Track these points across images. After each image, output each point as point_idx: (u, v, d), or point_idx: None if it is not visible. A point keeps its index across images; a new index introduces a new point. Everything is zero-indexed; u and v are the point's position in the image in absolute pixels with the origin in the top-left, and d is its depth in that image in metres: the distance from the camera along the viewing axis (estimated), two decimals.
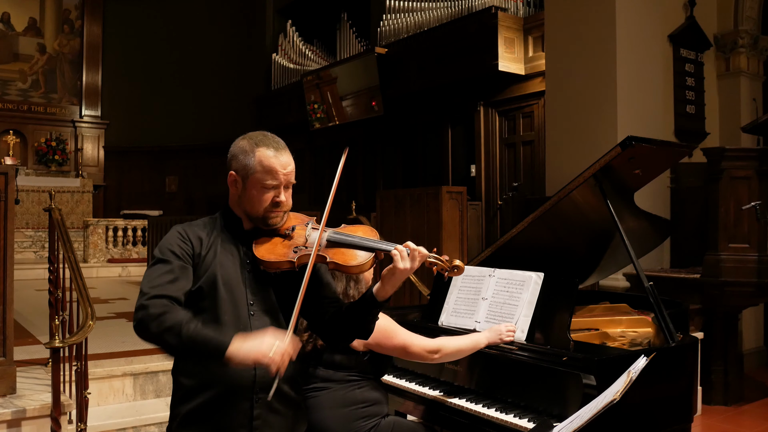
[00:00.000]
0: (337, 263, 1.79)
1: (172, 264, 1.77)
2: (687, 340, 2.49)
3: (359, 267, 1.80)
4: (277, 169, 1.82)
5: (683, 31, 6.10)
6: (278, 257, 1.80)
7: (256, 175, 1.81)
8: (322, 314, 1.92)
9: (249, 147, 1.84)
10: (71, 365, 3.31)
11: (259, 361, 1.59)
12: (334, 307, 1.92)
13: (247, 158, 1.82)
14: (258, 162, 1.81)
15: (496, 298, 2.65)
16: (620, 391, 1.62)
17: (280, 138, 1.90)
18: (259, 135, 1.88)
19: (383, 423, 2.38)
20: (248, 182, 1.83)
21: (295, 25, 12.12)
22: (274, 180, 1.81)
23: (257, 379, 1.77)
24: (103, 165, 14.53)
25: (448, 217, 5.97)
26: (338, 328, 1.92)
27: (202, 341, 1.62)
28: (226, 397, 1.77)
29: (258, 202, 1.82)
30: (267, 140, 1.86)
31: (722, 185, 4.87)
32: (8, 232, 3.12)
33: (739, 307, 5.27)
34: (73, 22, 14.42)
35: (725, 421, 4.74)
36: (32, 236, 11.54)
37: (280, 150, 1.85)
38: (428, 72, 8.38)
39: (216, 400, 1.77)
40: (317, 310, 1.92)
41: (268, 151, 1.83)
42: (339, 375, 2.37)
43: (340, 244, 1.82)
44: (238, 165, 1.84)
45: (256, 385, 1.78)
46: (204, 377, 1.78)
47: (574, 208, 2.82)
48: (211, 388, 1.77)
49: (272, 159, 1.82)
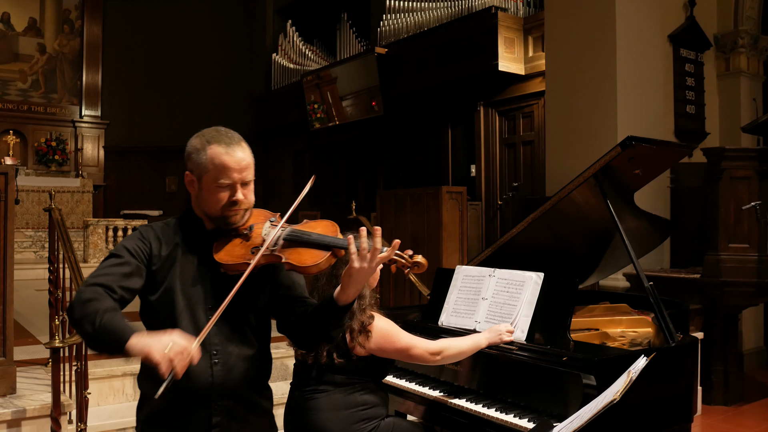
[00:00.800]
0: (292, 264, 1.69)
1: (122, 258, 1.70)
2: (687, 340, 2.49)
3: (315, 267, 1.69)
4: (229, 167, 1.71)
5: (683, 31, 6.10)
6: (236, 259, 1.71)
7: (209, 174, 1.72)
8: (288, 315, 1.82)
9: (201, 145, 1.75)
10: (71, 365, 3.31)
11: (151, 356, 1.48)
12: (300, 307, 1.81)
13: (200, 156, 1.73)
14: (210, 160, 1.72)
15: (496, 298, 2.65)
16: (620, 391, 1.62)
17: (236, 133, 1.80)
18: (212, 131, 1.78)
19: (383, 424, 2.38)
20: (202, 182, 1.74)
21: (295, 25, 12.12)
22: (228, 178, 1.71)
23: (215, 386, 1.71)
24: (103, 165, 14.52)
25: (448, 217, 5.97)
26: (302, 332, 1.82)
27: (111, 331, 1.54)
28: (183, 404, 1.72)
29: (214, 201, 1.74)
30: (219, 136, 1.75)
31: (722, 185, 4.87)
32: (8, 232, 3.12)
33: (739, 307, 5.27)
34: (73, 22, 14.41)
35: (725, 421, 4.74)
36: (32, 236, 11.54)
37: (232, 146, 1.73)
38: (428, 72, 8.38)
39: (173, 407, 1.72)
40: (282, 310, 1.83)
41: (219, 148, 1.72)
42: (339, 378, 2.36)
43: (297, 242, 1.71)
44: (192, 164, 1.76)
45: (214, 392, 1.71)
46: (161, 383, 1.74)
47: (574, 208, 2.82)
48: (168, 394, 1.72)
49: (224, 156, 1.71)
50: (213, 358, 1.71)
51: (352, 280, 1.66)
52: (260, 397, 1.85)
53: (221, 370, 1.72)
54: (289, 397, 2.51)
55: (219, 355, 1.72)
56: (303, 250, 1.70)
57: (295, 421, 2.43)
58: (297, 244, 1.71)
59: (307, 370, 2.41)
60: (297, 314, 1.80)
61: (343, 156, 10.63)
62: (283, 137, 12.01)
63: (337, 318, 1.72)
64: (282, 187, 12.00)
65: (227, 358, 1.73)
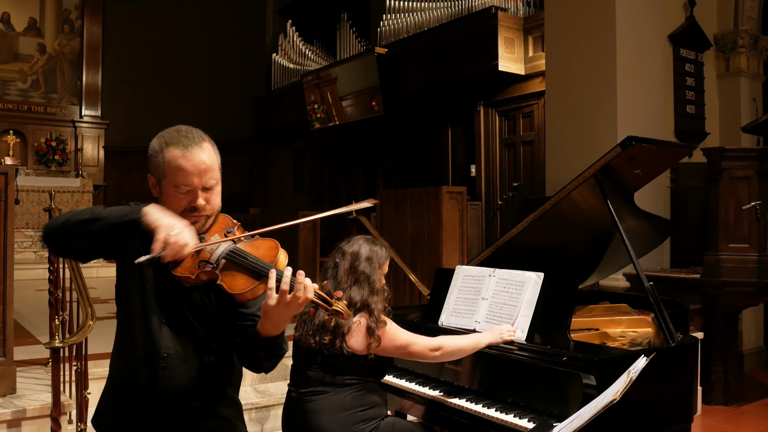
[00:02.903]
0: (223, 287, 1.58)
1: None
2: (687, 340, 2.49)
3: (243, 295, 1.56)
4: (187, 170, 1.60)
5: (683, 31, 6.10)
6: (183, 271, 1.61)
7: (167, 179, 1.62)
8: (235, 334, 1.71)
9: (159, 146, 1.64)
10: (71, 365, 3.31)
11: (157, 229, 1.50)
12: (247, 326, 1.68)
13: (158, 159, 1.63)
14: (167, 164, 1.61)
15: (496, 299, 2.65)
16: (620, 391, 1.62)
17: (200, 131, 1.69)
18: (172, 131, 1.67)
19: (383, 425, 2.38)
20: (162, 186, 1.65)
21: (295, 25, 12.12)
22: (186, 183, 1.61)
23: (158, 391, 1.64)
24: (103, 165, 14.53)
25: (448, 217, 5.97)
26: (240, 354, 1.71)
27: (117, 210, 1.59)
28: (128, 404, 1.69)
29: (174, 207, 1.63)
30: (177, 137, 1.64)
31: (722, 185, 4.87)
32: (8, 232, 3.12)
33: (739, 307, 5.26)
34: (73, 22, 14.41)
35: (725, 421, 4.74)
36: (32, 236, 11.53)
37: (190, 147, 1.61)
38: (428, 72, 8.38)
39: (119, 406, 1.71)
40: (234, 327, 1.71)
41: (176, 151, 1.61)
42: (338, 379, 2.36)
43: (235, 263, 1.59)
44: (152, 167, 1.66)
45: (158, 396, 1.65)
46: (114, 375, 1.74)
47: (574, 208, 2.82)
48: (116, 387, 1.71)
49: (181, 160, 1.60)
50: (162, 361, 1.65)
51: (268, 317, 1.54)
52: (209, 404, 1.73)
53: (168, 376, 1.65)
54: (287, 398, 2.50)
55: (169, 359, 1.65)
56: (238, 274, 1.58)
57: (293, 423, 2.42)
58: (236, 265, 1.59)
59: (305, 371, 2.41)
60: (242, 334, 1.68)
61: (343, 156, 10.63)
62: (283, 137, 12.02)
63: (264, 350, 1.61)
64: (282, 187, 12.00)
65: (176, 365, 1.66)
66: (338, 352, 2.33)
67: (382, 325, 2.34)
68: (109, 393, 1.78)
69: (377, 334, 2.32)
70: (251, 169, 12.96)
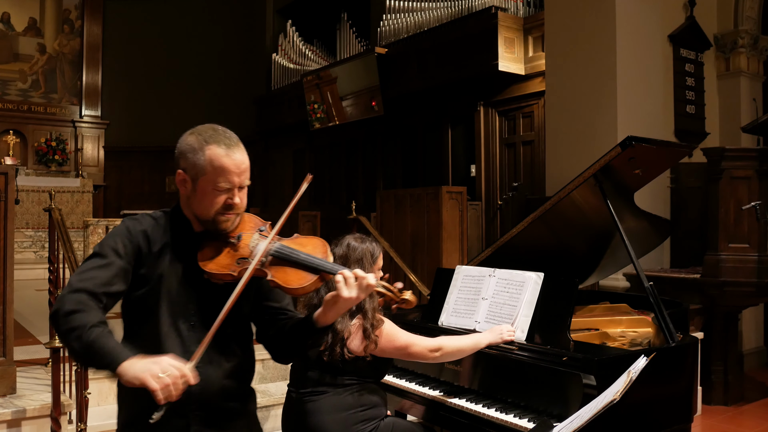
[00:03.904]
0: (277, 283, 1.63)
1: (107, 259, 1.61)
2: (687, 340, 2.49)
3: (301, 289, 1.63)
4: (230, 170, 1.64)
5: (683, 31, 6.10)
6: (220, 268, 1.64)
7: (207, 177, 1.64)
8: (268, 326, 1.79)
9: (198, 144, 1.65)
10: (71, 365, 3.31)
11: (147, 384, 1.41)
12: (281, 320, 1.77)
13: (196, 157, 1.64)
14: (208, 162, 1.63)
15: (496, 299, 2.65)
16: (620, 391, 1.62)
17: (233, 132, 1.72)
18: (209, 129, 1.69)
19: (382, 425, 2.38)
20: (198, 183, 1.65)
21: (295, 25, 12.12)
22: (227, 182, 1.64)
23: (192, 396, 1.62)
24: (103, 165, 14.52)
25: (448, 217, 5.97)
26: (279, 346, 1.78)
27: (100, 351, 1.47)
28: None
29: (209, 204, 1.65)
30: (217, 136, 1.66)
31: (722, 185, 4.87)
32: (8, 232, 3.12)
33: (739, 307, 5.26)
34: (73, 22, 14.41)
35: (725, 421, 4.74)
36: (32, 236, 11.53)
37: (232, 147, 1.65)
38: (428, 72, 8.38)
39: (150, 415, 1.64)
40: (262, 320, 1.79)
41: (219, 149, 1.63)
42: (338, 379, 2.35)
43: (284, 260, 1.64)
44: (186, 164, 1.66)
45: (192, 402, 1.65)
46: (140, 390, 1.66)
47: (574, 208, 2.82)
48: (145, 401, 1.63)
49: (224, 159, 1.63)
50: None
51: (337, 307, 1.64)
52: (240, 402, 1.78)
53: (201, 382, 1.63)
54: (286, 399, 2.50)
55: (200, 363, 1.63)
56: (290, 270, 1.64)
57: (293, 424, 2.42)
58: (284, 262, 1.64)
59: (304, 371, 2.40)
60: (277, 327, 1.76)
61: (343, 156, 10.63)
62: (283, 137, 12.02)
63: (315, 339, 1.71)
64: (282, 187, 12.01)
65: (208, 370, 1.67)
66: (339, 357, 2.32)
67: (379, 323, 2.34)
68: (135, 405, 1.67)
69: (375, 334, 2.31)
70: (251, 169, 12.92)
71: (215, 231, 1.70)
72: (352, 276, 1.62)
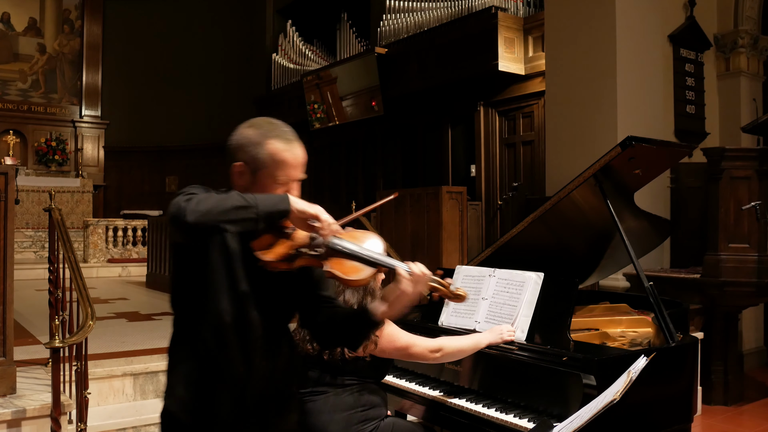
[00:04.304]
0: (334, 273, 1.66)
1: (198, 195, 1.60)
2: (687, 340, 2.49)
3: (358, 281, 1.67)
4: (290, 164, 1.69)
5: (683, 31, 6.10)
6: (276, 257, 1.66)
7: (267, 170, 1.68)
8: (315, 314, 1.83)
9: (258, 138, 1.69)
10: (71, 365, 3.31)
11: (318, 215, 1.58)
12: (328, 308, 1.83)
13: (257, 150, 1.68)
14: (269, 155, 1.67)
15: (496, 299, 2.65)
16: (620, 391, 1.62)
17: (288, 125, 1.77)
18: (267, 123, 1.73)
19: (383, 425, 2.38)
20: (258, 176, 1.69)
21: (295, 25, 12.12)
22: (285, 175, 1.69)
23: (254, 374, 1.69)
24: (103, 165, 14.53)
25: (448, 217, 5.97)
26: (329, 334, 1.84)
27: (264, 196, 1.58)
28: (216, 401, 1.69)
29: None
30: (277, 130, 1.72)
31: (722, 185, 4.87)
32: (8, 232, 3.12)
33: (739, 307, 5.26)
34: (73, 22, 14.42)
35: (725, 421, 4.74)
36: (32, 236, 11.54)
37: (292, 142, 1.72)
38: (428, 72, 8.39)
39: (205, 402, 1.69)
40: (311, 309, 1.84)
41: (280, 144, 1.69)
42: (339, 380, 2.35)
43: (341, 252, 1.67)
44: (246, 156, 1.69)
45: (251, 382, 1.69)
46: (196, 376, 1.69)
47: (574, 208, 2.82)
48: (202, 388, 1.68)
49: (285, 153, 1.69)
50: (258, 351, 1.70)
51: (400, 302, 1.71)
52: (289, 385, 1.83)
53: (261, 365, 1.70)
54: None
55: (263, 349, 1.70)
56: (346, 262, 1.68)
57: None
58: (341, 254, 1.68)
59: (304, 371, 2.41)
60: (326, 315, 1.82)
61: (343, 156, 10.63)
62: None
63: (370, 330, 1.79)
64: None
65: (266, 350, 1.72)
66: (339, 357, 2.32)
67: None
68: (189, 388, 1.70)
69: (375, 334, 2.31)
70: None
71: None
72: (418, 270, 1.69)
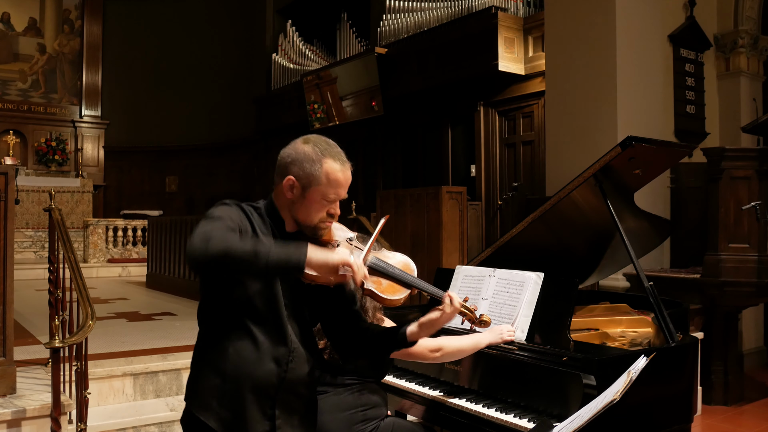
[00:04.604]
0: (372, 291, 1.76)
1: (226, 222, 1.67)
2: (687, 340, 2.49)
3: (394, 301, 1.78)
4: (341, 184, 1.78)
5: (683, 31, 6.10)
6: None
7: (320, 188, 1.75)
8: (345, 329, 1.94)
9: (315, 155, 1.76)
10: (71, 365, 3.31)
11: (346, 261, 1.61)
12: (357, 324, 1.94)
13: (314, 167, 1.75)
14: (325, 174, 1.75)
15: (496, 299, 2.65)
16: (620, 391, 1.62)
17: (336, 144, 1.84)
18: (322, 142, 1.80)
19: (383, 425, 2.38)
20: (309, 191, 1.76)
21: (295, 25, 12.12)
22: (335, 194, 1.78)
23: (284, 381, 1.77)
24: (103, 165, 14.53)
25: (448, 217, 5.97)
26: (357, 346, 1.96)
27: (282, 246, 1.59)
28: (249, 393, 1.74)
29: (315, 212, 1.78)
30: (333, 151, 1.79)
31: (722, 185, 4.87)
32: (8, 232, 3.12)
33: (739, 307, 5.26)
34: (73, 22, 14.42)
35: (725, 421, 4.74)
36: (32, 236, 11.54)
37: (345, 164, 1.79)
38: (428, 72, 8.39)
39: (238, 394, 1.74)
40: (340, 324, 1.94)
41: (336, 164, 1.77)
42: (339, 379, 2.36)
43: (381, 273, 1.78)
44: (300, 171, 1.77)
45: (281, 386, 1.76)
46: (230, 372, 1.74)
47: (574, 208, 2.82)
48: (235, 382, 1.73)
49: (339, 174, 1.77)
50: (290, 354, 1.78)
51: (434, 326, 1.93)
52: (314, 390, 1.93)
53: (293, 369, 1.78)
54: None
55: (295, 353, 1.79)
56: (384, 281, 1.79)
57: None
58: (379, 273, 1.78)
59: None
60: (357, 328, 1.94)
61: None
62: (283, 137, 11.93)
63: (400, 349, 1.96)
64: None
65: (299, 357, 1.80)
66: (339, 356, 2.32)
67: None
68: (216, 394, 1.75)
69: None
70: (251, 169, 12.95)
71: (313, 236, 1.81)
72: (457, 299, 1.92)
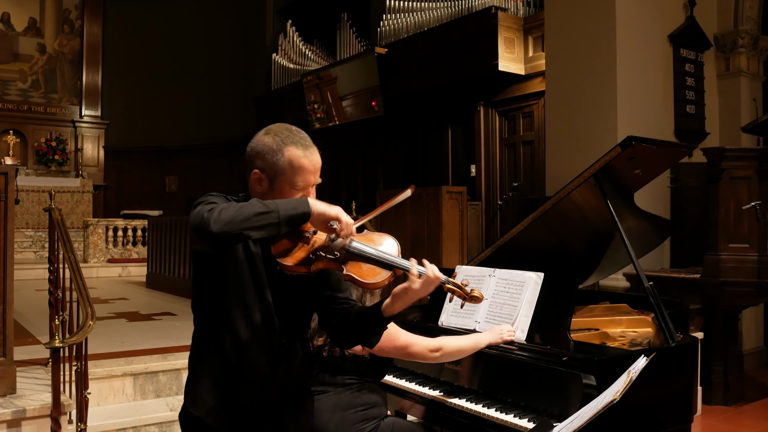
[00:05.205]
0: (352, 276, 1.69)
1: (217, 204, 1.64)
2: (687, 340, 2.49)
3: (375, 284, 1.70)
4: (308, 170, 1.72)
5: (683, 31, 6.10)
6: (295, 261, 1.69)
7: (286, 177, 1.71)
8: (331, 314, 1.87)
9: (276, 145, 1.72)
10: (71, 365, 3.31)
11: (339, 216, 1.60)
12: (344, 309, 1.87)
13: (275, 157, 1.71)
14: (288, 163, 1.70)
15: (496, 299, 2.65)
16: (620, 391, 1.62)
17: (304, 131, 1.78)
18: (284, 130, 1.75)
19: (383, 425, 2.38)
20: (276, 183, 1.72)
21: (295, 25, 12.12)
22: (304, 181, 1.72)
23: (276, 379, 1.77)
24: (103, 165, 14.53)
25: (448, 217, 5.98)
26: (343, 333, 1.88)
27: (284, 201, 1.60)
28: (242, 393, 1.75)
29: None
30: (294, 137, 1.74)
31: (722, 185, 4.87)
32: (8, 232, 3.12)
33: (739, 307, 5.26)
34: (73, 22, 14.42)
35: (725, 421, 4.74)
36: (32, 236, 11.54)
37: (309, 148, 1.73)
38: (428, 72, 8.39)
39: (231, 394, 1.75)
40: (326, 309, 1.88)
41: (298, 150, 1.71)
42: (338, 379, 2.35)
43: (359, 256, 1.70)
44: (264, 164, 1.72)
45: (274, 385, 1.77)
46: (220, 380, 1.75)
47: (574, 208, 2.82)
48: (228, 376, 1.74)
49: (303, 159, 1.71)
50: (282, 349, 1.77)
51: (406, 298, 1.74)
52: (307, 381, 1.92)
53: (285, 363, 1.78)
54: None
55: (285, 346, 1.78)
56: (363, 265, 1.70)
57: None
58: (359, 257, 1.70)
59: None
60: (341, 315, 1.85)
61: (343, 156, 10.63)
62: None
63: (380, 327, 1.81)
64: None
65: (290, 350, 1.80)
66: (338, 354, 2.32)
67: None
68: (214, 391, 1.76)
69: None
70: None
71: None
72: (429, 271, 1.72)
